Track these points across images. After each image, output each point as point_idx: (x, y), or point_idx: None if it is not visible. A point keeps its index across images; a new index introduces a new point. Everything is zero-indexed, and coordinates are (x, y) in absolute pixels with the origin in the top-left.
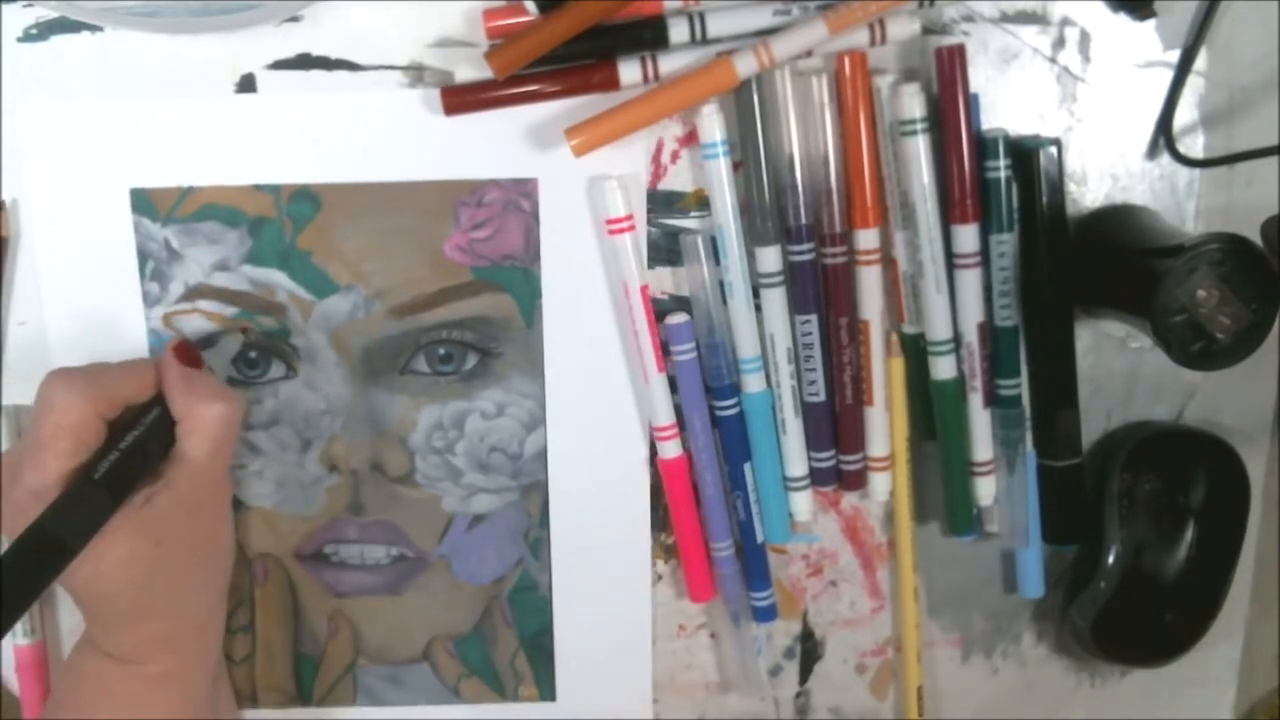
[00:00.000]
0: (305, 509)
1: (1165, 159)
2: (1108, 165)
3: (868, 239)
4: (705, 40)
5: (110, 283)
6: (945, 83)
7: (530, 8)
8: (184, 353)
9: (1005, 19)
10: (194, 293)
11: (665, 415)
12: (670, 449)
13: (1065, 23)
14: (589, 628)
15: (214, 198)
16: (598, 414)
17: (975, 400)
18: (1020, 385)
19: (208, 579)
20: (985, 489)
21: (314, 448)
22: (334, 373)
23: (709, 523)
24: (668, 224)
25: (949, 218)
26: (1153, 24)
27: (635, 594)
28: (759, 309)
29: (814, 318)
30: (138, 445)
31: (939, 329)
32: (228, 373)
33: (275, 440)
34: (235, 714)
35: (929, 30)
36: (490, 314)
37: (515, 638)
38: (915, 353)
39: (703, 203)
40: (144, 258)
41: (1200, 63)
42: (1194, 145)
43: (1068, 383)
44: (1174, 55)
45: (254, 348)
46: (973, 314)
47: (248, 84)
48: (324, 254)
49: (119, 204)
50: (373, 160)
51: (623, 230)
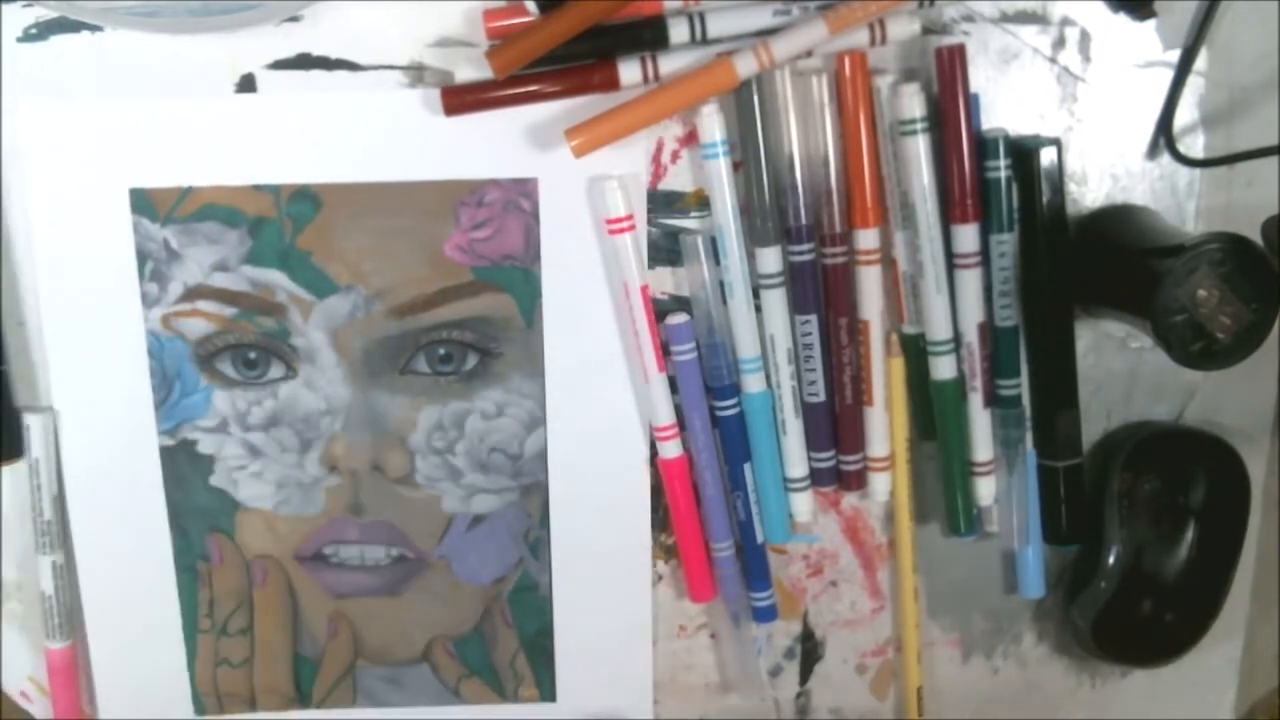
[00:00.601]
0: (305, 510)
1: (1165, 159)
2: (1108, 165)
3: (868, 239)
4: (705, 40)
5: (109, 283)
6: (945, 83)
7: (530, 8)
8: None
9: (1005, 19)
10: (193, 293)
11: (665, 415)
12: (670, 449)
13: (1065, 23)
14: (589, 628)
15: (214, 198)
16: (598, 414)
17: (975, 400)
18: (1020, 385)
19: None
20: (985, 489)
21: (314, 448)
22: (334, 373)
23: (709, 523)
24: (668, 224)
25: (949, 218)
26: (1153, 24)
27: (635, 594)
28: (759, 309)
29: (814, 318)
30: None
31: (939, 329)
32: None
33: (275, 441)
34: None
35: (929, 30)
36: (490, 314)
37: (515, 638)
38: (915, 353)
39: (703, 203)
40: (143, 258)
41: (1200, 63)
42: (1194, 145)
43: (1068, 383)
44: (1174, 55)
45: (253, 348)
46: (973, 314)
47: (248, 84)
48: (324, 254)
49: (118, 204)
50: (373, 160)
51: (623, 230)
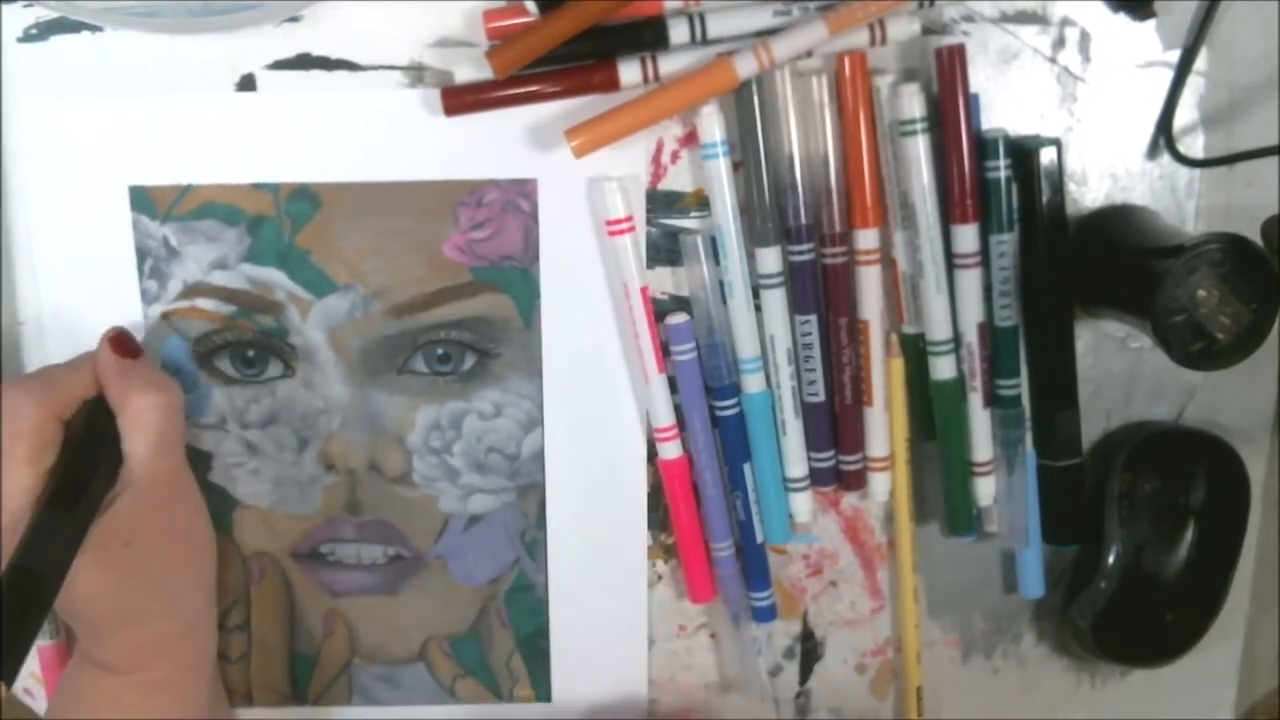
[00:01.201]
0: (302, 508)
1: (1165, 159)
2: (1108, 165)
3: (868, 239)
4: (705, 41)
5: (109, 280)
6: (945, 83)
7: (530, 8)
8: (119, 343)
9: (1005, 19)
10: (192, 291)
11: (665, 416)
12: (670, 450)
13: (1065, 23)
14: (585, 629)
15: (213, 196)
16: (595, 415)
17: (975, 400)
18: (1020, 385)
19: (189, 576)
20: (985, 489)
21: (311, 447)
22: (332, 372)
23: (709, 523)
24: (668, 224)
25: (949, 218)
26: (1153, 24)
27: (631, 595)
28: (759, 309)
29: (814, 318)
30: (89, 454)
31: (939, 329)
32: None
33: (272, 439)
34: (229, 715)
35: (929, 30)
36: (489, 314)
37: (511, 638)
38: (915, 353)
39: (703, 203)
40: (142, 255)
41: (1200, 63)
42: (1194, 145)
43: (1068, 383)
44: (1174, 55)
45: (252, 346)
46: (973, 314)
47: (248, 84)
48: (323, 253)
49: (118, 202)
50: (372, 160)
51: (622, 231)
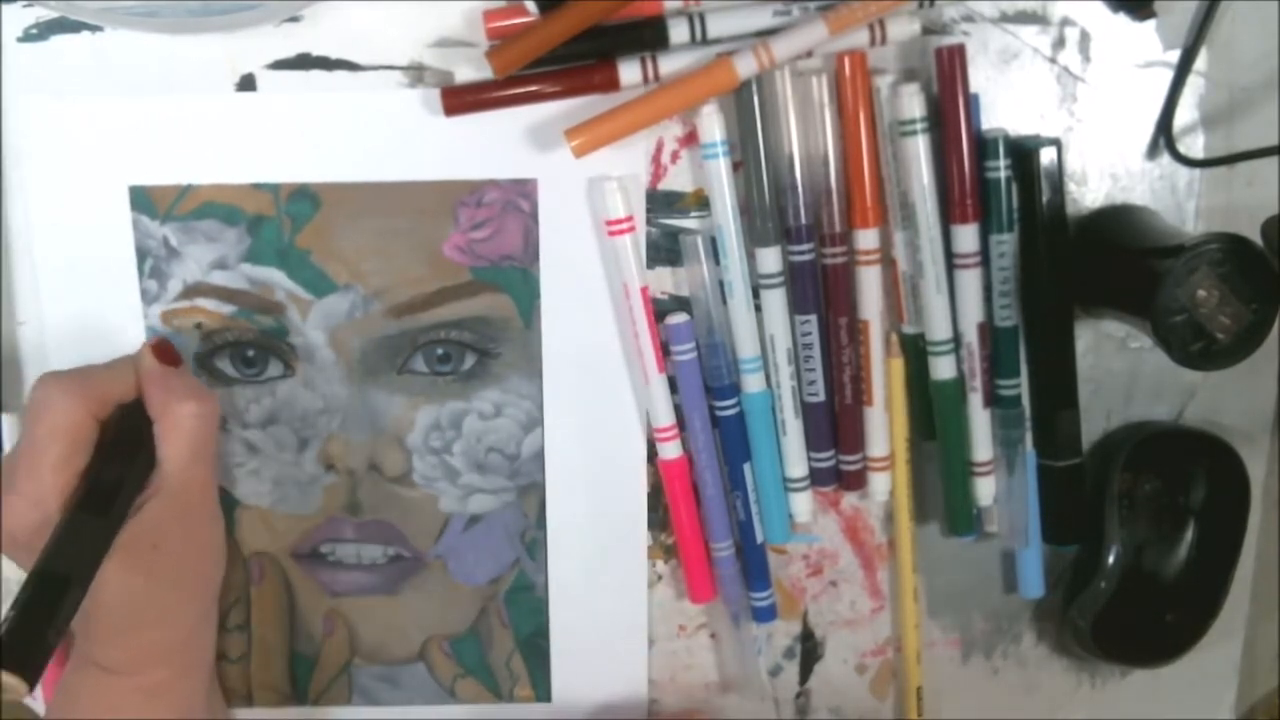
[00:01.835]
0: (302, 508)
1: (1165, 159)
2: (1108, 165)
3: (867, 239)
4: (705, 41)
5: (108, 281)
6: (945, 83)
7: (530, 8)
8: (162, 351)
9: (1005, 19)
10: (192, 291)
11: (665, 416)
12: (670, 450)
13: (1065, 23)
14: (585, 629)
15: (213, 196)
16: (595, 415)
17: (975, 400)
18: (1020, 385)
19: (199, 585)
20: (985, 489)
21: (311, 447)
22: (332, 372)
23: (709, 523)
24: (668, 224)
25: (949, 218)
26: (1153, 24)
27: (631, 595)
28: (759, 309)
29: (814, 318)
30: (123, 458)
31: (939, 329)
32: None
33: (272, 439)
34: (227, 717)
35: (929, 30)
36: (489, 314)
37: (511, 638)
38: (915, 353)
39: (703, 203)
40: (142, 255)
41: (1200, 63)
42: (1194, 145)
43: (1068, 383)
44: (1174, 55)
45: (252, 346)
46: (972, 314)
47: (248, 84)
48: (323, 253)
49: (118, 202)
50: (372, 160)
51: (622, 231)
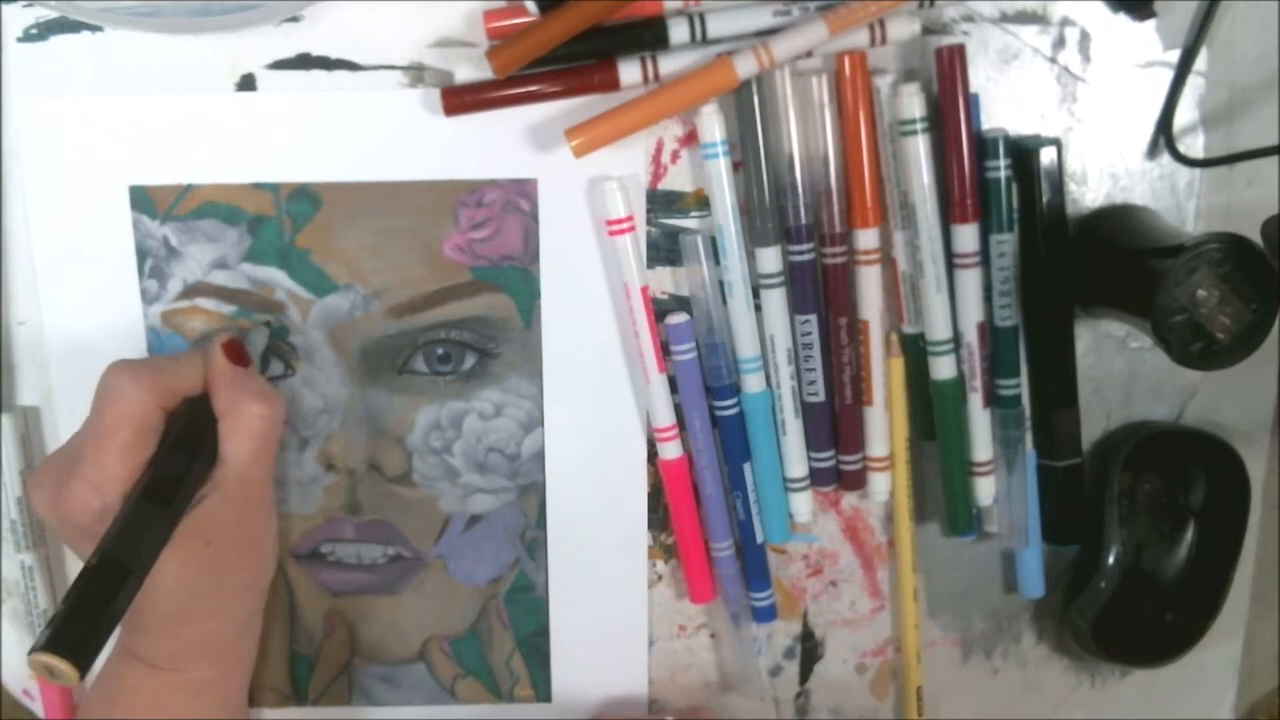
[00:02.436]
0: (302, 508)
1: (1165, 159)
2: (1108, 165)
3: (867, 239)
4: (705, 41)
5: (109, 280)
6: (945, 83)
7: (530, 8)
8: (233, 350)
9: (1005, 19)
10: (192, 290)
11: (666, 416)
12: (671, 450)
13: (1065, 23)
14: (585, 629)
15: (213, 195)
16: (595, 415)
17: (975, 400)
18: (1020, 385)
19: (251, 582)
20: (985, 489)
21: (311, 447)
22: (332, 372)
23: (709, 523)
24: (668, 224)
25: (949, 218)
26: (1153, 24)
27: (631, 595)
28: (759, 309)
29: (814, 318)
30: (188, 451)
31: (939, 329)
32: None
33: None
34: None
35: (929, 30)
36: (489, 314)
37: (511, 638)
38: (915, 353)
39: (703, 203)
40: (143, 255)
41: (1200, 63)
42: (1194, 145)
43: (1068, 383)
44: (1174, 55)
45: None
46: (972, 314)
47: (248, 84)
48: (323, 253)
49: (118, 202)
50: (372, 159)
51: (623, 231)
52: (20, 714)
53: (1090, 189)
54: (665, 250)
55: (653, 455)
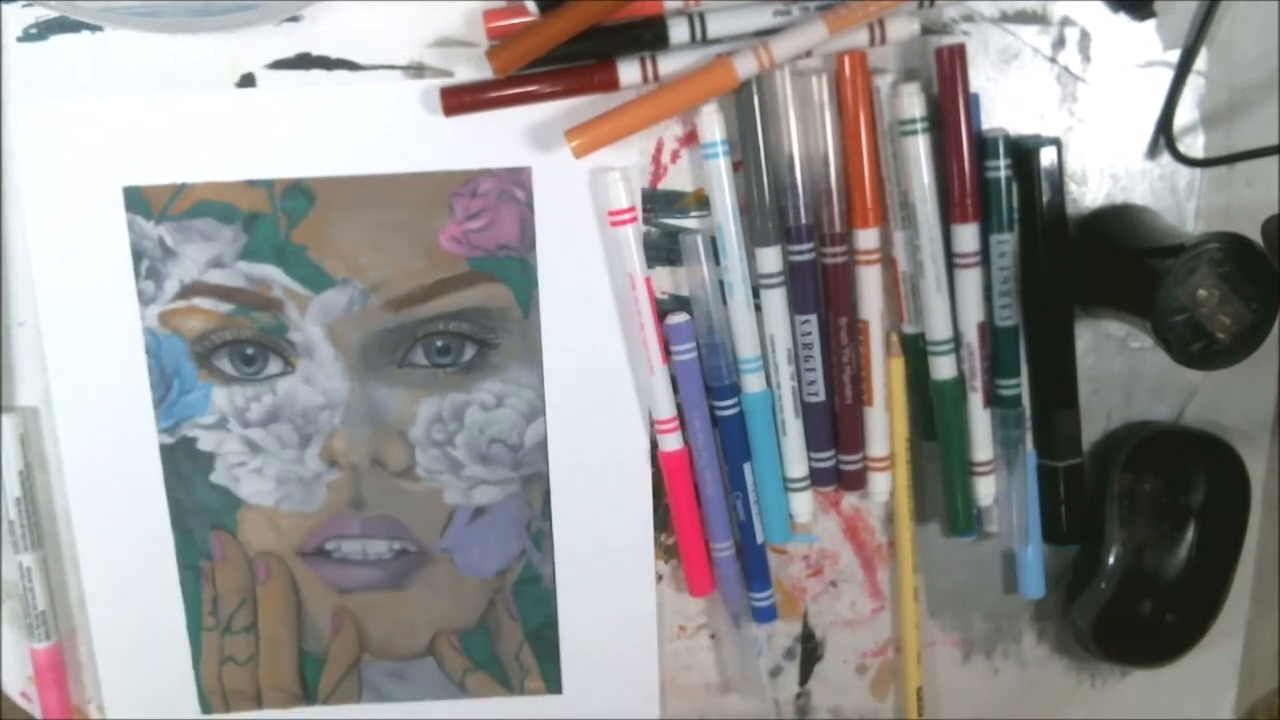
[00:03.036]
0: (306, 505)
1: (1165, 159)
2: (1108, 165)
3: (867, 239)
4: (705, 41)
5: (105, 283)
6: (945, 83)
7: (530, 8)
8: None
9: (1005, 19)
10: (189, 290)
11: (667, 408)
12: (671, 442)
13: (1065, 23)
14: (594, 619)
15: (207, 194)
16: (597, 404)
17: (975, 400)
18: (1020, 385)
19: None
20: (985, 489)
21: (313, 443)
22: (332, 367)
23: (709, 522)
24: (668, 224)
25: (949, 217)
26: (1153, 24)
27: (639, 583)
28: (759, 309)
29: (814, 318)
30: None
31: (939, 329)
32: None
33: (274, 437)
34: None
35: (929, 30)
36: (487, 304)
37: (520, 631)
38: (915, 353)
39: (703, 203)
40: (138, 256)
41: (1200, 63)
42: (1194, 145)
43: (1068, 383)
44: (1174, 55)
45: (251, 344)
46: (972, 314)
47: (248, 83)
48: (319, 248)
49: (113, 202)
50: (365, 153)
51: (626, 222)
52: (18, 715)
53: (1090, 189)
54: (665, 250)
55: (653, 449)
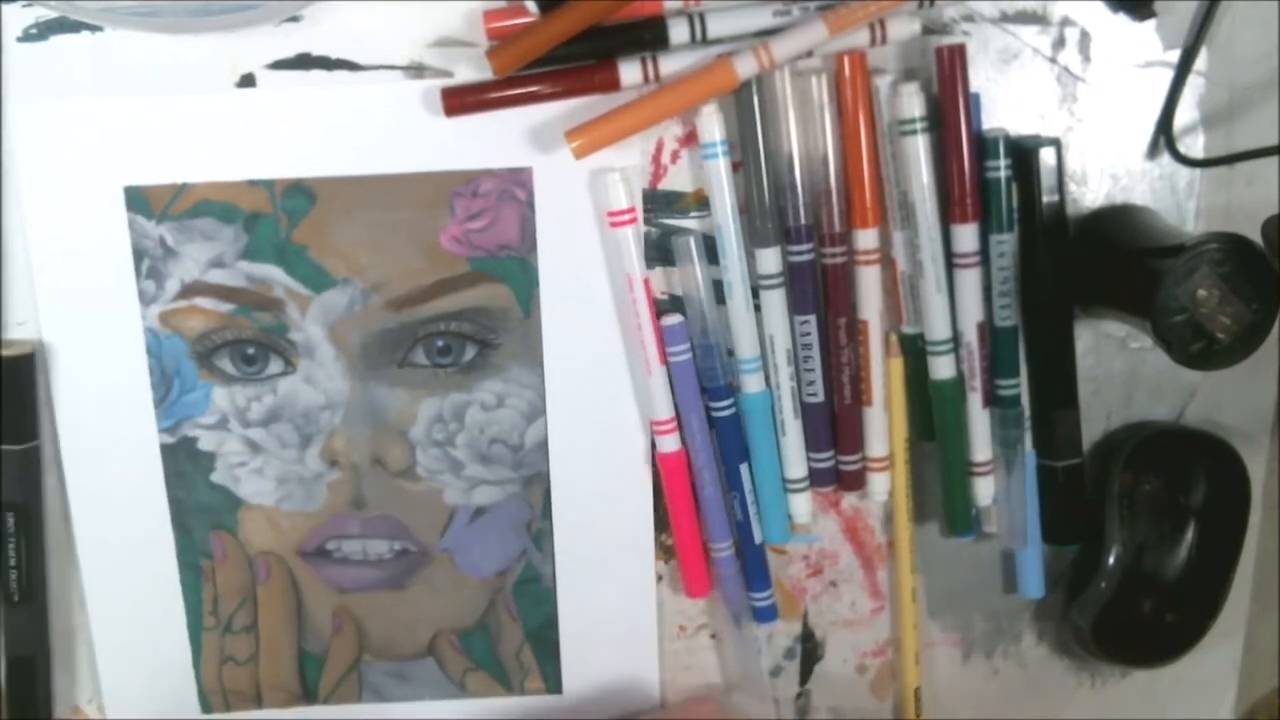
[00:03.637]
0: (307, 505)
1: (1165, 159)
2: (1108, 165)
3: (867, 239)
4: (705, 41)
5: (105, 282)
6: (945, 83)
7: (530, 8)
8: None
9: (1005, 19)
10: (190, 290)
11: (665, 409)
12: (669, 443)
13: (1065, 23)
14: (594, 619)
15: (208, 194)
16: (598, 404)
17: (974, 400)
18: (1020, 385)
19: None
20: (984, 489)
21: (314, 443)
22: (333, 367)
23: (707, 523)
24: (668, 224)
25: (949, 218)
26: (1153, 24)
27: (639, 584)
28: (758, 309)
29: (813, 318)
30: None
31: (938, 329)
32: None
33: (275, 437)
34: None
35: (929, 30)
36: (488, 305)
37: (520, 630)
38: (914, 353)
39: (703, 203)
40: (139, 256)
41: (1200, 63)
42: (1194, 145)
43: (1068, 383)
44: (1174, 55)
45: (252, 343)
46: (972, 314)
47: (248, 84)
48: (320, 248)
49: (113, 202)
50: (366, 153)
51: (625, 223)
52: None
53: (1090, 189)
54: (665, 250)
55: (653, 450)
